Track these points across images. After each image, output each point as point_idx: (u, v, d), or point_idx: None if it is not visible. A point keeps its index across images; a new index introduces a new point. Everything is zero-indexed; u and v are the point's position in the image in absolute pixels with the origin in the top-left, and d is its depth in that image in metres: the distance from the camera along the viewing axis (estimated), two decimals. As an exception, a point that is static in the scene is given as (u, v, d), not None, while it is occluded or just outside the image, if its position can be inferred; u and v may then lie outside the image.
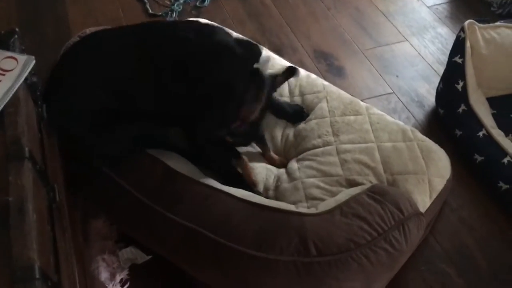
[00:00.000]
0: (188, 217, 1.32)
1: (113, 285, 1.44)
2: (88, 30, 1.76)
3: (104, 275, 1.47)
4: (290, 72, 1.49)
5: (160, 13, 2.46)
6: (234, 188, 1.42)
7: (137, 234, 1.45)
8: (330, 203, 1.38)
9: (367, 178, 1.54)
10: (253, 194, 1.42)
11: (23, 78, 1.10)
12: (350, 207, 1.33)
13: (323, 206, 1.37)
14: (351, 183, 1.53)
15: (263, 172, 1.65)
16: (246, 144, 1.64)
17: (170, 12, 2.46)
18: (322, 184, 1.54)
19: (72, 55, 1.49)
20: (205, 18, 2.12)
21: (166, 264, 1.43)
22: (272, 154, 1.70)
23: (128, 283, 1.48)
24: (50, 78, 1.45)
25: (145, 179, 1.42)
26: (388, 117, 1.74)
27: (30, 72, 1.25)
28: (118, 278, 1.47)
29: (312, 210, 1.35)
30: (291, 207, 1.36)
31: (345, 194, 1.41)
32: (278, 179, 1.62)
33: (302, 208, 1.37)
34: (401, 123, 1.72)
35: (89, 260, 1.50)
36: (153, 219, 1.35)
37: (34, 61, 1.13)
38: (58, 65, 1.50)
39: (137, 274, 1.50)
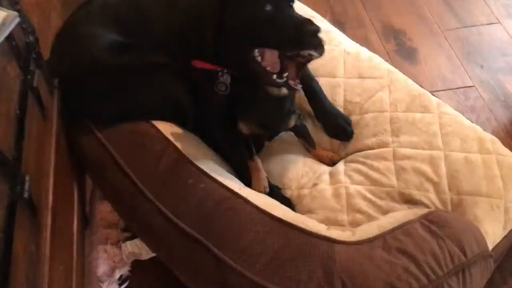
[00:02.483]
0: (191, 222, 1.10)
1: (108, 283, 1.25)
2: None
3: (102, 268, 1.30)
4: None
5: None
6: (255, 193, 1.17)
7: (132, 227, 1.28)
8: (371, 228, 1.10)
9: (427, 195, 1.27)
10: (277, 203, 1.17)
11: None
12: (396, 239, 1.05)
13: (362, 232, 1.10)
14: (406, 199, 1.27)
15: (299, 168, 1.40)
16: (268, 137, 1.39)
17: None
18: (369, 195, 1.29)
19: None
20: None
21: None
22: (319, 149, 1.44)
23: (127, 282, 1.29)
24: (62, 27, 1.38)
25: (151, 165, 1.21)
26: (464, 120, 1.43)
27: (27, 32, 1.04)
28: (117, 274, 1.30)
29: (347, 235, 1.08)
30: (321, 228, 1.09)
31: (392, 218, 1.13)
32: (318, 178, 1.36)
33: (335, 231, 1.10)
34: (479, 129, 1.41)
35: (90, 249, 1.32)
36: (151, 215, 1.15)
37: (18, 19, 0.90)
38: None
39: (139, 272, 1.31)
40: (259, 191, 1.23)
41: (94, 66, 1.27)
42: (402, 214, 1.15)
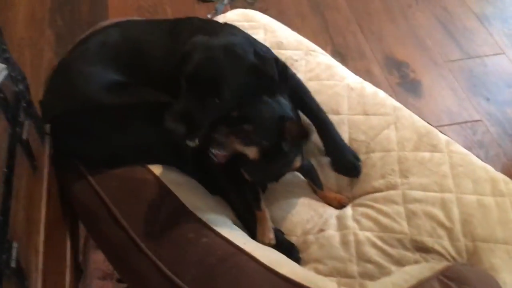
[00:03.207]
0: (192, 281, 1.02)
1: None
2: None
3: (96, 325, 1.21)
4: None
5: (209, -1, 2.15)
6: (261, 247, 1.10)
7: (128, 282, 1.20)
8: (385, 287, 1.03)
9: (440, 243, 1.21)
10: (285, 258, 1.10)
11: (-16, 95, 0.81)
12: (414, 300, 0.98)
13: (376, 291, 1.02)
14: (418, 246, 1.21)
15: (304, 212, 1.33)
16: (272, 180, 1.31)
17: (221, -1, 2.14)
18: (379, 243, 1.22)
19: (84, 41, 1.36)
20: (259, 8, 1.80)
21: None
22: (327, 191, 1.37)
23: None
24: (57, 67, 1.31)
25: (148, 217, 1.13)
26: (475, 159, 1.38)
27: (16, 80, 0.98)
28: (112, 331, 1.21)
29: (361, 294, 1.01)
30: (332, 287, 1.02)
31: (407, 274, 1.06)
32: (324, 223, 1.29)
33: (346, 288, 1.03)
34: (491, 168, 1.35)
35: (83, 303, 1.25)
36: (148, 271, 1.08)
37: (5, 72, 0.84)
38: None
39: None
40: (264, 242, 1.16)
41: (89, 107, 1.21)
42: (417, 270, 1.08)
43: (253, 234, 1.20)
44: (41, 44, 1.91)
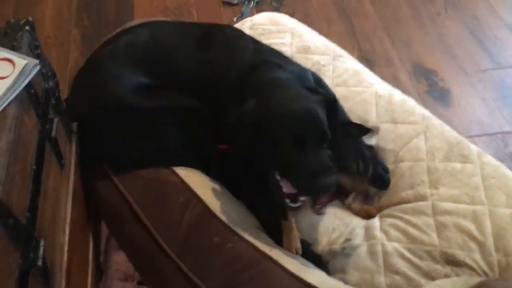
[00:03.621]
0: (217, 286, 1.00)
1: None
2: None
3: (116, 328, 1.19)
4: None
5: (235, 2, 2.13)
6: (287, 254, 1.07)
7: (150, 284, 1.19)
8: (417, 301, 0.99)
9: (471, 256, 1.17)
10: (312, 267, 1.07)
11: (17, 91, 0.80)
12: (447, 316, 0.94)
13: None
14: (448, 260, 1.17)
15: (329, 221, 1.30)
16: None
17: (247, 1, 2.12)
18: (407, 254, 1.19)
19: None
20: (285, 12, 1.77)
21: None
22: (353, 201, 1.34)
23: None
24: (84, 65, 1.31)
25: (172, 219, 1.11)
26: (507, 171, 1.35)
27: (47, 77, 0.97)
28: (131, 335, 1.20)
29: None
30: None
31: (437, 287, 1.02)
32: (351, 232, 1.26)
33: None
34: None
35: (103, 304, 1.23)
36: (171, 274, 1.06)
37: (38, 67, 0.83)
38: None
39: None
40: (291, 251, 1.13)
41: (117, 108, 1.20)
42: (450, 284, 1.03)
43: (277, 242, 1.17)
44: (67, 43, 1.92)
